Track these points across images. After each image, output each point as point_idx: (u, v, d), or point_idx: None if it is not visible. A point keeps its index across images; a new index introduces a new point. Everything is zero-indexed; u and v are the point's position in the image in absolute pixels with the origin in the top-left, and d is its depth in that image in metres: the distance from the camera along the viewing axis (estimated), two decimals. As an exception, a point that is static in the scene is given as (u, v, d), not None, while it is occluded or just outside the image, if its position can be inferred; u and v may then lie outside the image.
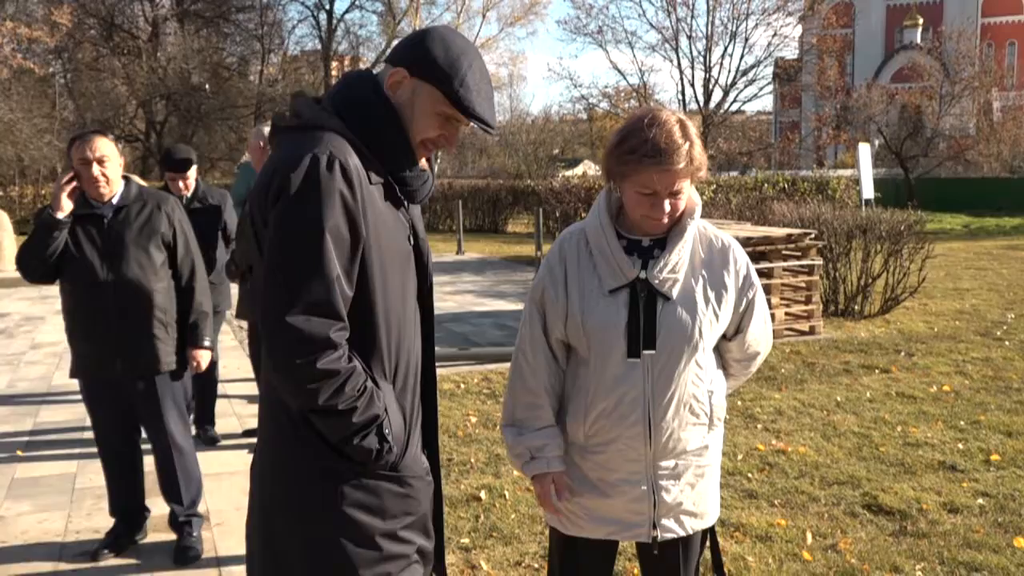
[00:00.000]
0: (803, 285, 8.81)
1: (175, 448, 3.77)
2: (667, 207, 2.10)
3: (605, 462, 2.22)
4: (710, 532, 2.38)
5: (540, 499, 2.32)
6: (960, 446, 5.12)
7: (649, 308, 2.14)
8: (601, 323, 2.15)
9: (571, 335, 2.21)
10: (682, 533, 2.26)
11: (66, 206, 3.49)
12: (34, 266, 3.55)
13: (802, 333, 8.54)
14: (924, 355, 7.58)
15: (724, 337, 2.27)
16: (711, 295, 2.18)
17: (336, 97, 1.85)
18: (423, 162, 1.93)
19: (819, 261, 8.85)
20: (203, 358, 3.84)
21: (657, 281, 2.14)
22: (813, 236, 8.91)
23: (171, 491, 3.82)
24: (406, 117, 1.84)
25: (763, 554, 3.75)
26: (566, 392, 2.27)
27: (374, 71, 1.92)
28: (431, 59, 1.81)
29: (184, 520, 3.82)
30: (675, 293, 2.15)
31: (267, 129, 5.15)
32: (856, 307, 9.44)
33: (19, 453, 5.22)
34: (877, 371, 7.04)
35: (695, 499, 2.26)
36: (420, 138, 1.86)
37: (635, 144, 2.07)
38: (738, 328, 2.27)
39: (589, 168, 40.43)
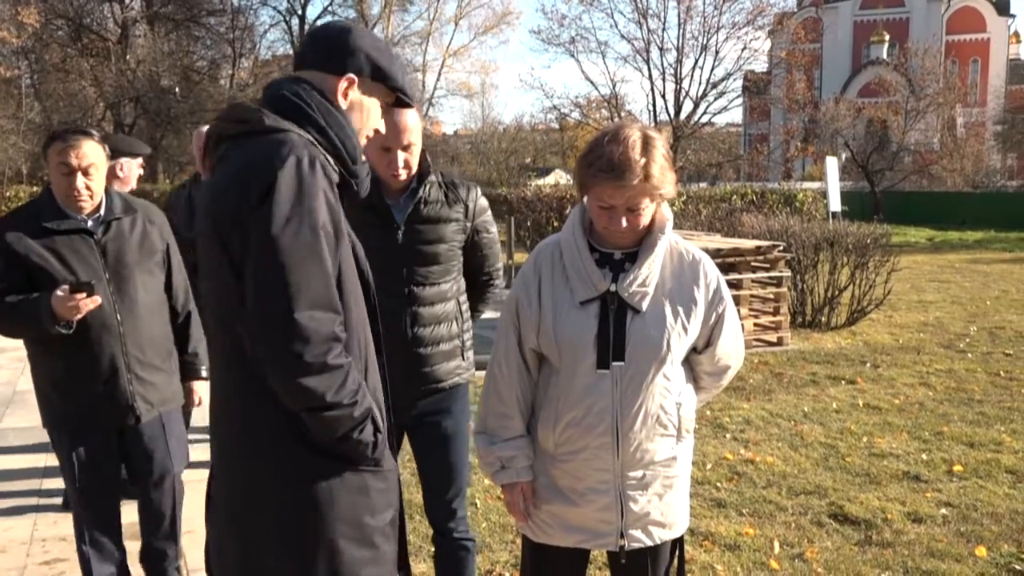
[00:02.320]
0: (771, 297, 8.91)
1: (179, 489, 3.29)
2: (624, 222, 2.13)
3: (574, 470, 2.24)
4: (678, 543, 2.41)
5: (509, 507, 2.36)
6: (924, 457, 5.20)
7: (619, 320, 2.17)
8: (572, 334, 2.18)
9: (543, 345, 2.24)
10: (650, 543, 2.29)
11: (76, 321, 2.86)
12: (16, 335, 2.99)
13: (770, 344, 8.64)
14: (889, 367, 7.70)
15: (695, 350, 2.30)
16: (680, 309, 2.21)
17: (280, 104, 1.82)
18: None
19: (787, 273, 8.96)
20: (205, 391, 3.33)
21: (627, 294, 2.17)
22: (782, 248, 9.01)
23: (169, 531, 3.31)
24: (356, 118, 1.91)
25: (731, 563, 3.79)
26: (537, 400, 2.29)
27: (300, 76, 1.89)
28: (374, 62, 1.90)
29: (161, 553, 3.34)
30: (645, 306, 2.18)
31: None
32: (823, 319, 9.56)
33: (-19, 460, 5.14)
34: (843, 382, 7.14)
35: (663, 509, 2.28)
36: (368, 133, 1.95)
37: (593, 158, 2.12)
38: (708, 341, 2.30)
39: (561, 177, 40.59)
